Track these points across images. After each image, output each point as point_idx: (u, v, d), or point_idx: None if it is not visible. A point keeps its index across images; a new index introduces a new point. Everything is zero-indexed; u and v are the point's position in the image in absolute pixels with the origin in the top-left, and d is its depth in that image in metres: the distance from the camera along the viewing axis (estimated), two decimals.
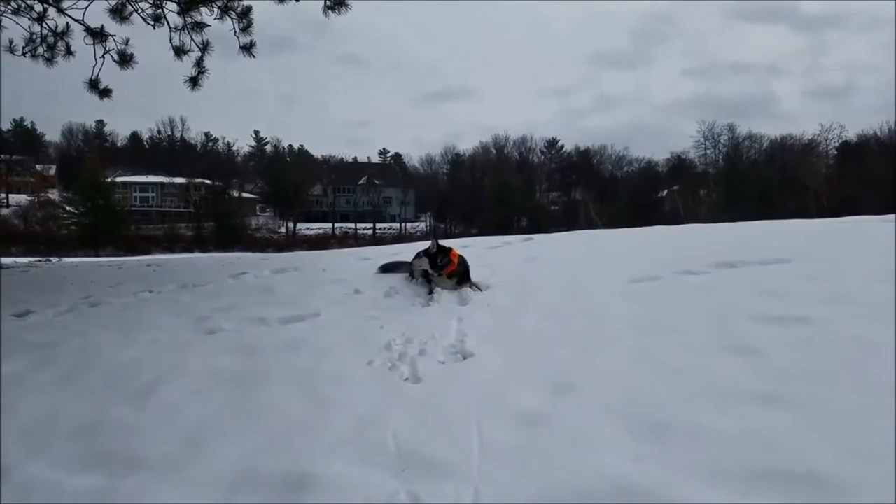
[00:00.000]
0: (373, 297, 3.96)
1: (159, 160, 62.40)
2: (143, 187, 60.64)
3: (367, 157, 74.37)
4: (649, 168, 65.26)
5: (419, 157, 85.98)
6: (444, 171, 70.80)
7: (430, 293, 3.88)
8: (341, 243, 46.34)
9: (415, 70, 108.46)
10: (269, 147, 72.66)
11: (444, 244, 4.19)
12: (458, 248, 4.27)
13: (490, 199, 56.90)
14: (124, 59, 7.13)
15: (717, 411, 1.94)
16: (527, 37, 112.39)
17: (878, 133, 54.00)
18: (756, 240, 5.24)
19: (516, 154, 69.44)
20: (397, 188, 67.30)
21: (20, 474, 1.97)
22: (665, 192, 60.32)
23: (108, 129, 71.76)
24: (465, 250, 4.48)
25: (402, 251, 5.72)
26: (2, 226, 46.79)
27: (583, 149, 67.73)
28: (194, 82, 7.27)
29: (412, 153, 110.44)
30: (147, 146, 71.44)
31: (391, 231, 59.22)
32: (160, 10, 6.94)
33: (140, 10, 6.91)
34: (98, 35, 6.92)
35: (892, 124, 52.12)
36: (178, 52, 7.10)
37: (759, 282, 3.43)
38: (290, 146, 73.90)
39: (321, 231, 58.52)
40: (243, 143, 72.61)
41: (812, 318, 2.67)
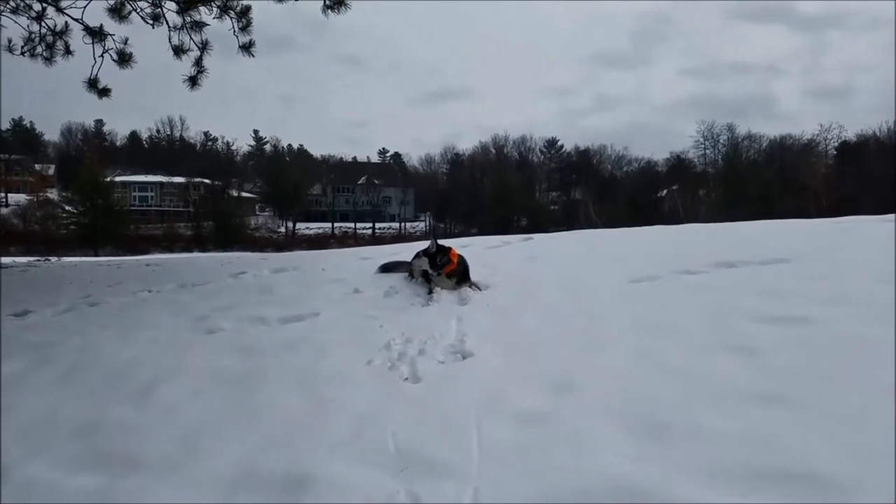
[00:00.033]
0: (372, 296, 3.96)
1: (158, 160, 62.30)
2: (142, 187, 60.60)
3: (367, 157, 74.53)
4: (649, 168, 65.33)
5: (419, 156, 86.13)
6: (444, 170, 70.78)
7: (430, 293, 3.88)
8: (341, 243, 46.35)
9: (415, 70, 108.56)
10: (268, 147, 72.65)
11: (444, 244, 4.19)
12: (458, 248, 4.27)
13: (489, 199, 56.89)
14: (123, 59, 7.12)
15: (717, 411, 1.94)
16: (527, 37, 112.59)
17: (877, 133, 54.20)
18: (755, 239, 5.24)
19: (516, 154, 69.49)
20: (397, 188, 67.24)
21: (20, 474, 1.96)
22: (664, 191, 60.34)
23: (107, 128, 71.90)
24: (464, 250, 4.47)
25: (402, 251, 5.72)
26: (1, 225, 46.73)
27: (582, 149, 67.91)
28: (193, 82, 7.28)
29: (412, 153, 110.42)
30: (146, 146, 71.35)
31: (390, 231, 59.26)
32: (159, 10, 6.94)
33: (139, 10, 6.91)
34: (97, 34, 6.91)
35: (891, 124, 52.31)
36: (178, 51, 7.10)
37: (759, 282, 3.44)
38: (289, 146, 74.01)
39: (320, 231, 58.48)
40: (242, 143, 72.69)
41: (812, 318, 2.67)
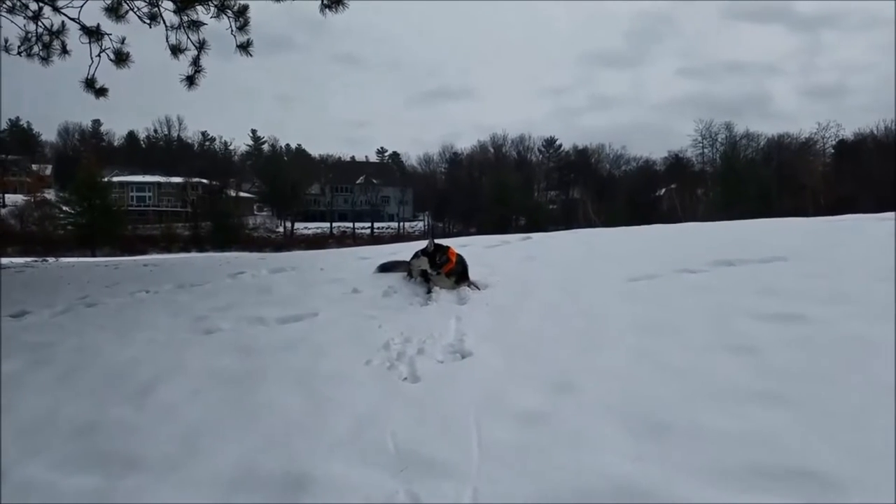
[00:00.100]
0: (371, 296, 3.95)
1: (156, 160, 62.15)
2: (140, 187, 60.44)
3: (365, 157, 74.33)
4: (647, 167, 65.34)
5: (417, 156, 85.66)
6: (443, 170, 70.65)
7: (429, 292, 3.88)
8: (339, 243, 46.35)
9: (414, 70, 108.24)
10: (266, 146, 72.55)
11: (442, 243, 4.19)
12: (457, 247, 4.27)
13: (488, 199, 56.84)
14: (120, 58, 7.09)
15: (717, 411, 1.94)
16: (526, 37, 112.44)
17: (874, 132, 54.27)
18: (754, 238, 5.25)
19: (514, 153, 69.37)
20: (395, 187, 67.15)
21: (19, 474, 1.96)
22: (663, 190, 60.39)
23: (104, 128, 71.49)
24: (463, 249, 4.47)
25: (401, 250, 5.71)
26: None
27: (581, 148, 67.80)
28: (191, 81, 7.25)
29: (410, 152, 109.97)
30: (144, 146, 71.10)
31: (389, 230, 59.21)
32: (156, 9, 6.93)
33: (136, 9, 6.90)
34: (94, 34, 6.89)
35: (889, 123, 52.41)
36: (175, 50, 7.08)
37: (758, 280, 3.44)
38: (287, 145, 73.88)
39: (319, 230, 58.37)
40: (240, 143, 72.56)
41: (811, 317, 2.67)
